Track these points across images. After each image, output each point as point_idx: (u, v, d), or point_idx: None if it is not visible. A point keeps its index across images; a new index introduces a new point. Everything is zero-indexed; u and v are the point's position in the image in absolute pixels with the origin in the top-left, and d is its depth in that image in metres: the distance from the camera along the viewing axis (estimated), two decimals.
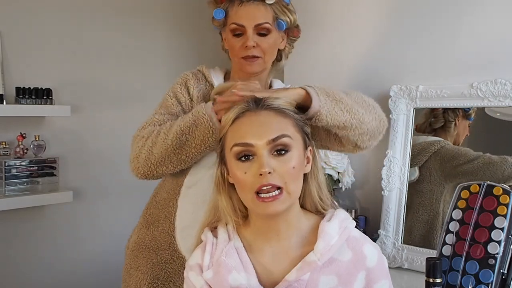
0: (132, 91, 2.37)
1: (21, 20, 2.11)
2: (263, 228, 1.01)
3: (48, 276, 2.22)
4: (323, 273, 0.97)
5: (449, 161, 1.63)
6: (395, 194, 1.65)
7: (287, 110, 1.01)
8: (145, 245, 1.40)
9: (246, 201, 0.99)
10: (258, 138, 0.95)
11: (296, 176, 0.97)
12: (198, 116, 1.22)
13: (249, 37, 1.34)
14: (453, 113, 1.64)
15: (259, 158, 0.95)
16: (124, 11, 2.40)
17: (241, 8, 1.35)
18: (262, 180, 0.93)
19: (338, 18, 1.93)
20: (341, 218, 1.02)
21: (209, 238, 1.05)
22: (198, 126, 1.22)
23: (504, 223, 1.14)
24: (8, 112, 2.02)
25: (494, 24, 1.55)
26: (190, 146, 1.24)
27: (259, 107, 1.00)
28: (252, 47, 1.34)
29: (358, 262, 0.99)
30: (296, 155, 0.97)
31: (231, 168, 0.99)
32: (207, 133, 1.22)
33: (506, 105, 1.48)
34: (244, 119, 0.99)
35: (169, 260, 1.37)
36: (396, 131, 1.67)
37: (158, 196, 1.43)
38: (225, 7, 1.37)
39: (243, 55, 1.36)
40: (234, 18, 1.35)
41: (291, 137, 0.97)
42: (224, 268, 0.98)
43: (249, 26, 1.34)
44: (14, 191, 2.05)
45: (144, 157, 1.28)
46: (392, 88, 1.69)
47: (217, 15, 1.36)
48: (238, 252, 1.01)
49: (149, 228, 1.41)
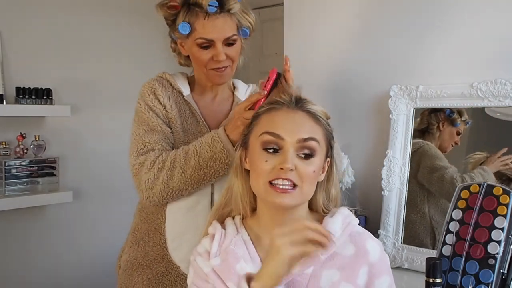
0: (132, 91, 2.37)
1: (21, 20, 2.12)
2: (270, 222, 1.02)
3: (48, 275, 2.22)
4: (326, 267, 0.98)
5: (423, 163, 1.64)
6: (395, 194, 1.65)
7: (321, 118, 1.03)
8: (138, 262, 1.39)
9: (257, 189, 1.00)
10: (290, 133, 0.97)
11: (313, 180, 1.00)
12: (216, 152, 1.25)
13: (220, 51, 1.32)
14: (435, 116, 1.64)
15: (285, 153, 0.96)
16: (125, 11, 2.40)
17: (208, 23, 1.31)
18: (281, 173, 0.95)
19: (338, 17, 1.93)
20: (344, 214, 1.04)
21: (218, 228, 1.06)
22: (216, 161, 1.25)
23: (504, 223, 1.14)
24: (8, 112, 2.03)
25: (494, 24, 1.55)
26: (208, 177, 1.28)
27: (298, 106, 1.02)
28: (222, 60, 1.33)
29: (360, 257, 1.00)
30: (318, 162, 0.99)
31: (253, 154, 1.00)
32: (224, 164, 1.26)
33: (506, 105, 1.48)
34: (281, 112, 1.01)
35: (164, 273, 1.37)
36: (396, 131, 1.67)
37: (144, 211, 1.42)
38: (187, 19, 1.32)
39: (213, 67, 1.35)
40: (202, 32, 1.31)
41: (319, 143, 0.99)
42: (232, 256, 1.00)
43: (218, 40, 1.32)
44: (14, 191, 2.06)
45: (160, 189, 1.28)
46: (392, 88, 1.69)
47: (184, 30, 1.32)
48: (246, 245, 1.03)
49: (139, 245, 1.40)
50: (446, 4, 1.64)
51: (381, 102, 1.75)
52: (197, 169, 1.26)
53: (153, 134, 1.33)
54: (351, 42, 1.89)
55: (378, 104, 1.77)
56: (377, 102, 1.78)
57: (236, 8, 1.34)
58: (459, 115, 1.62)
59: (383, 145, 1.72)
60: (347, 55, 1.90)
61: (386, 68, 1.77)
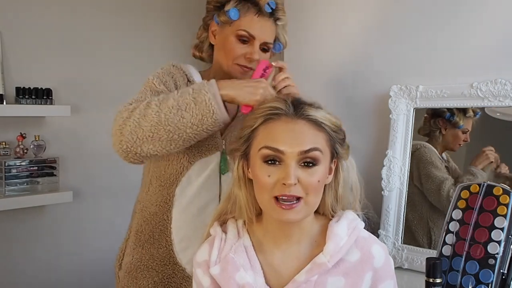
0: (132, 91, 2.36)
1: (21, 20, 2.11)
2: (275, 231, 1.01)
3: (48, 276, 2.22)
4: (331, 274, 0.97)
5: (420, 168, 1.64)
6: (395, 194, 1.65)
7: (324, 125, 0.98)
8: (143, 265, 1.36)
9: (262, 202, 0.97)
10: (290, 146, 0.93)
11: (318, 189, 0.97)
12: (199, 93, 1.13)
13: (256, 50, 1.33)
14: (435, 123, 1.63)
15: (286, 167, 0.93)
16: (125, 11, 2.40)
17: (257, 19, 1.32)
18: (284, 190, 0.92)
19: (337, 17, 1.93)
20: (349, 219, 1.02)
21: (218, 233, 1.04)
22: (198, 103, 1.12)
23: (504, 223, 1.14)
24: (8, 112, 2.02)
25: (494, 24, 1.55)
26: (185, 125, 1.12)
27: (297, 115, 0.97)
28: (255, 60, 1.33)
29: (365, 262, 0.99)
30: (322, 169, 0.96)
31: (254, 168, 0.97)
32: (207, 113, 1.12)
33: (506, 105, 1.48)
34: (280, 123, 0.96)
35: (171, 275, 1.35)
36: (396, 131, 1.67)
37: (146, 211, 1.37)
38: (238, 7, 1.33)
39: (240, 63, 1.34)
40: (247, 26, 1.32)
41: (322, 151, 0.95)
42: (231, 265, 0.98)
43: (258, 40, 1.33)
44: (14, 191, 2.05)
45: (130, 129, 1.14)
46: (392, 88, 1.69)
47: (234, 15, 1.32)
48: (247, 251, 1.01)
49: (143, 247, 1.36)
50: (446, 4, 1.64)
51: (381, 102, 1.75)
52: (175, 109, 1.12)
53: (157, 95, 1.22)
54: (351, 42, 1.89)
55: (378, 104, 1.77)
56: (377, 102, 1.78)
57: (283, 21, 1.37)
58: (463, 113, 1.59)
59: (383, 145, 1.72)
60: (347, 55, 1.90)
61: (386, 68, 1.77)
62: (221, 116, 1.14)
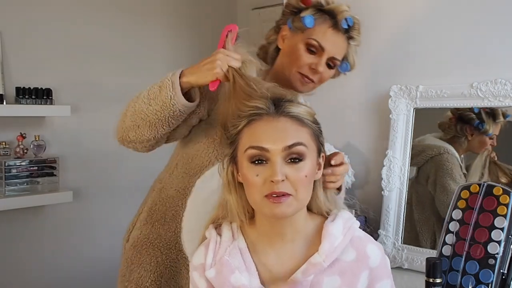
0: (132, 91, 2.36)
1: (21, 20, 2.12)
2: (269, 230, 1.01)
3: (48, 275, 2.22)
4: (327, 273, 0.97)
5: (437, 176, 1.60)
6: (395, 194, 1.65)
7: (306, 119, 0.99)
8: (149, 242, 1.37)
9: (253, 202, 0.98)
10: (274, 143, 0.94)
11: (307, 185, 0.97)
12: (163, 81, 1.19)
13: (322, 63, 1.32)
14: (461, 130, 1.57)
15: (272, 164, 0.94)
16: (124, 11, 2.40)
17: (331, 32, 1.32)
18: (273, 187, 0.93)
19: None
20: (345, 218, 1.02)
21: (213, 236, 1.04)
22: (161, 91, 1.18)
23: (504, 223, 1.14)
24: (8, 112, 2.03)
25: (494, 24, 1.55)
26: (152, 112, 1.20)
27: (279, 113, 0.98)
28: (318, 73, 1.32)
29: (361, 262, 0.99)
30: (309, 164, 0.96)
31: (242, 169, 0.98)
32: (166, 99, 1.17)
33: (506, 105, 1.48)
34: (262, 122, 0.98)
35: (174, 259, 1.35)
36: (396, 131, 1.67)
37: (165, 193, 1.38)
38: (315, 16, 1.32)
39: (303, 72, 1.33)
40: (320, 36, 1.31)
41: (306, 146, 0.96)
42: (226, 267, 0.99)
43: (327, 53, 1.32)
44: (14, 191, 2.06)
45: (121, 120, 1.28)
46: (392, 88, 1.69)
47: (309, 23, 1.31)
48: (242, 253, 1.01)
49: (154, 225, 1.37)
50: (446, 4, 1.64)
51: (381, 102, 1.75)
52: (146, 99, 1.21)
53: None
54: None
55: (378, 104, 1.77)
56: (377, 102, 1.78)
57: (357, 41, 1.37)
58: (492, 119, 1.51)
59: (383, 145, 1.72)
60: None
61: (386, 68, 1.77)
62: (178, 101, 1.17)
